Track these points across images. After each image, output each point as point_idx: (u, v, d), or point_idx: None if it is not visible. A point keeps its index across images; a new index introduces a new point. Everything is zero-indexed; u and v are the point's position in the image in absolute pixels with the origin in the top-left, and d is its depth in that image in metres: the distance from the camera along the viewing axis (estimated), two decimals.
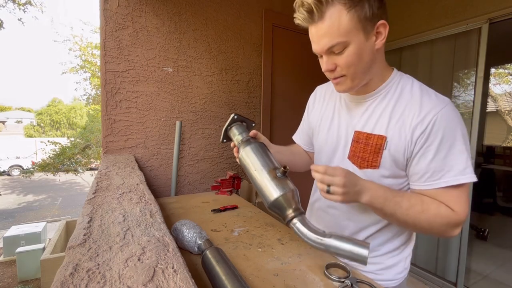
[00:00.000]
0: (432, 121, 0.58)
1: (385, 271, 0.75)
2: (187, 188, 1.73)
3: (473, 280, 2.21)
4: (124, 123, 1.50)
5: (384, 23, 0.59)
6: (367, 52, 0.60)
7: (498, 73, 8.52)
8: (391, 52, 2.34)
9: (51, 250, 1.96)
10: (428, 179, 0.60)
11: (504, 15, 1.68)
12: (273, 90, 2.05)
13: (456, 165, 0.58)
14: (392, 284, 0.75)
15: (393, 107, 0.65)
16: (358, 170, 0.68)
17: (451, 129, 0.58)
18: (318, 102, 0.86)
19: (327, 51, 0.60)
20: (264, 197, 0.65)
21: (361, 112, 0.70)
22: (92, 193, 0.75)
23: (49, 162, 6.74)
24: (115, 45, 1.44)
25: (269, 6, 1.97)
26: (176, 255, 0.46)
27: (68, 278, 0.37)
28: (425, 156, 0.60)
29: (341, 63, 0.60)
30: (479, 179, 2.97)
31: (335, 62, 0.61)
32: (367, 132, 0.67)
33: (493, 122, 7.50)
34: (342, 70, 0.62)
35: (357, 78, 0.63)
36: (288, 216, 0.62)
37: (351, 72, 0.62)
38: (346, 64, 0.60)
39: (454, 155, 0.58)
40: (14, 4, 6.61)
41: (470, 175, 0.58)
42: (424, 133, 0.59)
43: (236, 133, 0.79)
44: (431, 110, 0.59)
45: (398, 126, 0.62)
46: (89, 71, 8.60)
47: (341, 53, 0.59)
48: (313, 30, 0.60)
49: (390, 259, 0.74)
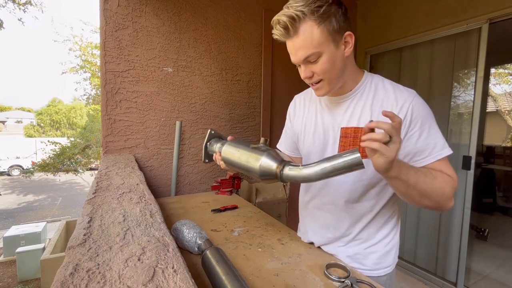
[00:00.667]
0: (409, 109, 0.68)
1: (384, 259, 0.79)
2: (187, 188, 1.73)
3: (473, 280, 2.21)
4: (124, 123, 1.50)
5: (350, 33, 0.68)
6: (339, 59, 0.69)
7: (498, 73, 8.52)
8: (391, 52, 2.34)
9: (51, 250, 1.97)
10: (418, 158, 0.70)
11: (504, 15, 1.67)
12: (273, 90, 2.05)
13: (438, 142, 0.69)
14: (389, 270, 0.81)
15: (372, 102, 0.73)
16: None
17: (425, 114, 0.69)
18: (298, 109, 0.93)
19: (303, 61, 0.68)
20: (252, 171, 0.69)
21: (343, 111, 0.77)
22: (92, 193, 0.75)
23: (49, 162, 6.74)
24: (115, 45, 1.44)
25: (269, 6, 1.97)
26: (176, 255, 0.46)
27: (68, 278, 0.37)
28: (411, 139, 0.69)
29: (317, 70, 0.69)
30: (479, 179, 2.97)
31: (312, 70, 0.69)
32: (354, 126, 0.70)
33: (493, 122, 7.50)
34: (318, 76, 0.70)
35: (333, 82, 0.72)
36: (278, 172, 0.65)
37: (327, 77, 0.70)
38: (321, 71, 0.69)
39: (433, 134, 0.69)
40: (14, 4, 6.61)
41: (449, 148, 0.70)
42: (406, 120, 0.68)
43: (215, 145, 0.89)
44: (406, 101, 0.69)
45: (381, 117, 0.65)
46: (89, 71, 8.60)
47: (316, 62, 0.68)
48: (290, 44, 0.69)
49: (385, 246, 0.79)
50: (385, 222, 0.79)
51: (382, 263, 0.79)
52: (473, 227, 3.07)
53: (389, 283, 0.81)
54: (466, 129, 1.89)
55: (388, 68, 2.40)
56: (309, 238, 0.90)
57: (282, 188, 1.78)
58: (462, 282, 1.91)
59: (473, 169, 1.84)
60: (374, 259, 0.79)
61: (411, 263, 2.23)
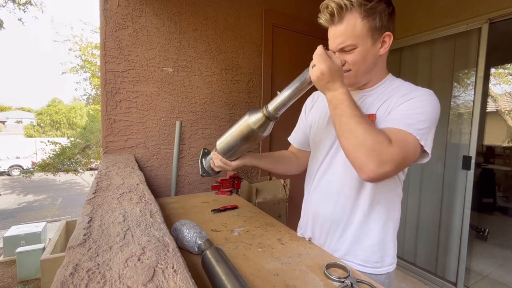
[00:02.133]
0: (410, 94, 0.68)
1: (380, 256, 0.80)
2: (187, 188, 1.73)
3: (473, 280, 2.21)
4: (124, 123, 1.50)
5: (389, 34, 0.70)
6: (371, 56, 0.71)
7: (498, 73, 8.52)
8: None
9: (51, 250, 1.96)
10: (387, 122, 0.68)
11: (504, 15, 1.68)
12: (273, 90, 2.05)
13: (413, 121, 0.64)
14: (392, 268, 0.82)
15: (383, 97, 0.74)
16: None
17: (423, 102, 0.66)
18: (317, 101, 0.95)
19: (340, 49, 0.71)
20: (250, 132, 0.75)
21: None
22: (92, 193, 0.75)
23: (49, 162, 6.74)
24: (115, 45, 1.44)
25: (269, 6, 1.97)
26: (176, 255, 0.46)
27: (68, 278, 0.37)
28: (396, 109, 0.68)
29: (349, 60, 0.71)
30: (479, 179, 2.98)
31: (344, 59, 0.72)
32: None
33: (493, 122, 7.50)
34: (349, 66, 0.72)
35: (359, 75, 0.74)
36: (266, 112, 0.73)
37: (355, 69, 0.72)
38: (352, 62, 0.71)
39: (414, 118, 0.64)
40: (14, 4, 6.61)
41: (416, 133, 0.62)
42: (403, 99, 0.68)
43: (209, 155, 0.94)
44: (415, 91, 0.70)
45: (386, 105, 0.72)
46: (89, 71, 8.59)
47: (350, 52, 0.70)
48: (331, 30, 0.71)
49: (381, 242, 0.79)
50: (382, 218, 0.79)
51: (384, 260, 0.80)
52: (473, 227, 3.07)
53: (388, 283, 0.81)
54: (466, 129, 1.89)
55: (388, 68, 2.39)
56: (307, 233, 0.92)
57: (282, 188, 1.78)
58: (462, 282, 1.91)
59: (473, 169, 1.84)
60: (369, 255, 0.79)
61: (411, 263, 2.23)
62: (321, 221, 0.86)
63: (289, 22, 2.08)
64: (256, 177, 2.02)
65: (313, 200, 0.89)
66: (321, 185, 0.86)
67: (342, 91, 0.65)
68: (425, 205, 2.14)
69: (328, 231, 0.84)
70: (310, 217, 0.90)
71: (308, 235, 0.92)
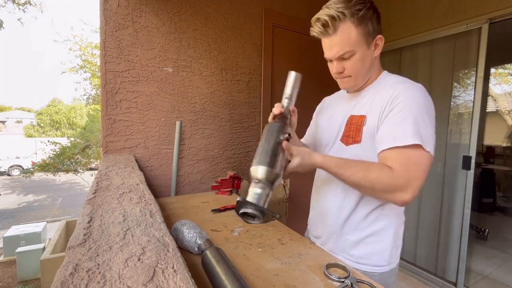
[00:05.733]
0: (394, 95, 0.70)
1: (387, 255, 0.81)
2: (187, 188, 1.73)
3: (473, 280, 2.21)
4: (124, 123, 1.50)
5: (381, 37, 0.75)
6: (368, 59, 0.76)
7: (498, 73, 8.52)
8: (391, 52, 2.34)
9: (51, 250, 1.96)
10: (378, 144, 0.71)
11: (504, 15, 1.68)
12: (273, 90, 2.05)
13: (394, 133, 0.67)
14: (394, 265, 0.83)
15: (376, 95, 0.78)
16: (345, 146, 0.80)
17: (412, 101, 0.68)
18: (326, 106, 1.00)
19: (338, 57, 0.75)
20: None
21: (354, 104, 0.84)
22: (92, 193, 0.75)
23: (49, 162, 6.74)
24: (115, 45, 1.44)
25: (269, 6, 1.97)
26: (176, 255, 0.46)
27: (68, 278, 0.37)
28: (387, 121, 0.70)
29: (348, 67, 0.76)
30: (479, 179, 2.98)
31: (343, 66, 0.76)
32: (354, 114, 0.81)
33: (493, 122, 7.50)
34: (348, 72, 0.77)
35: (359, 78, 0.79)
36: None
37: (355, 74, 0.77)
38: (352, 68, 0.75)
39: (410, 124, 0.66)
40: (13, 4, 6.60)
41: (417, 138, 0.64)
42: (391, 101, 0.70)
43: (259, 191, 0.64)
44: (396, 87, 0.72)
45: (376, 104, 0.75)
46: (89, 71, 8.59)
47: (349, 59, 0.74)
48: (326, 41, 0.75)
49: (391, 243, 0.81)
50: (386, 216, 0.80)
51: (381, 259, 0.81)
52: (473, 227, 3.07)
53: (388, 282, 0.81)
54: (466, 129, 1.89)
55: (388, 68, 2.38)
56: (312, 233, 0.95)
57: (282, 188, 1.78)
58: (462, 282, 1.91)
59: (473, 169, 1.84)
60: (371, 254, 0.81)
61: (411, 263, 2.23)
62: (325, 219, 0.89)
63: (289, 22, 2.08)
64: None
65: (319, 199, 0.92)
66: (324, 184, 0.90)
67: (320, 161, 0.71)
68: (425, 205, 2.14)
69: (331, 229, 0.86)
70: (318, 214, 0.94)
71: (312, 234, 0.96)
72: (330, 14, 0.69)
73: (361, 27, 0.71)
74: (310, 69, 2.12)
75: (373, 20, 0.72)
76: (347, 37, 0.71)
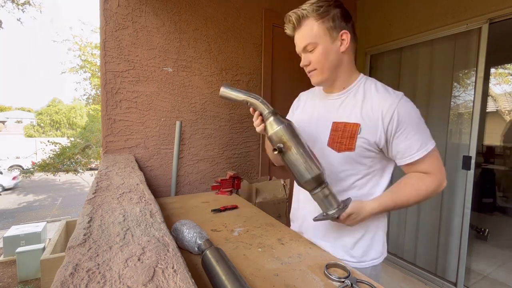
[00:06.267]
0: (395, 112, 0.75)
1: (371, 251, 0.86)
2: (187, 188, 1.73)
3: (473, 280, 2.21)
4: (124, 123, 1.50)
5: (346, 32, 0.78)
6: (332, 53, 0.79)
7: (498, 73, 8.51)
8: (391, 52, 2.34)
9: (51, 250, 1.97)
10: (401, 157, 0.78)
11: (504, 15, 1.67)
12: (273, 90, 2.05)
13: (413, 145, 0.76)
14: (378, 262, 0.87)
15: (362, 101, 0.81)
16: (337, 153, 0.82)
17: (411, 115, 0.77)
18: (302, 103, 1.02)
19: (303, 49, 0.81)
20: None
21: (336, 107, 0.86)
22: (92, 193, 0.75)
23: (49, 162, 6.74)
24: (115, 45, 1.44)
25: (269, 6, 1.97)
26: (176, 255, 0.46)
27: (68, 278, 0.37)
28: (401, 138, 0.76)
29: (313, 60, 0.80)
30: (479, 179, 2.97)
31: (309, 59, 0.81)
32: (344, 121, 0.82)
33: (493, 122, 7.49)
34: (313, 65, 0.81)
35: (325, 72, 0.81)
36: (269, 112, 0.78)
37: (320, 67, 0.81)
38: (315, 60, 0.80)
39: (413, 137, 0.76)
40: (13, 4, 6.61)
41: (432, 142, 0.78)
42: (393, 121, 0.75)
43: None
44: (392, 104, 0.76)
45: (369, 116, 0.78)
46: (89, 71, 8.59)
47: (312, 52, 0.79)
48: (295, 37, 0.82)
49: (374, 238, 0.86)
50: None
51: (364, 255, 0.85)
52: (473, 227, 3.07)
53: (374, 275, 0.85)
54: (466, 129, 1.89)
55: (388, 68, 2.39)
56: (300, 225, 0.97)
57: (282, 188, 1.78)
58: (462, 282, 1.91)
59: (473, 169, 1.84)
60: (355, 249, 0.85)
61: (411, 263, 2.23)
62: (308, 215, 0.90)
63: None
64: (256, 177, 2.02)
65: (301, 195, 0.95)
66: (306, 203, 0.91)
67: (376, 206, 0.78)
68: (425, 205, 2.14)
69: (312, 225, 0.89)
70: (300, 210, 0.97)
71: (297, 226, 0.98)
72: (296, 12, 0.78)
73: (322, 21, 0.76)
74: None
75: (336, 16, 0.77)
76: (309, 30, 0.77)
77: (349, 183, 0.83)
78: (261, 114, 0.79)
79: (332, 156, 0.82)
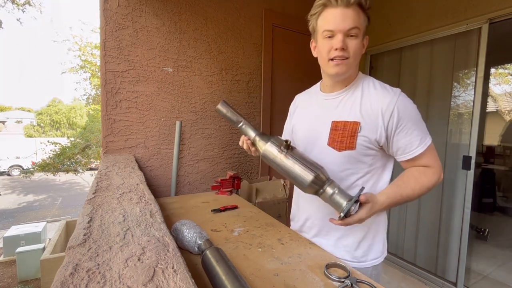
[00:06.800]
0: (395, 108, 0.75)
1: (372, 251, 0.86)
2: (187, 188, 1.73)
3: (473, 280, 2.21)
4: (124, 123, 1.50)
5: (367, 37, 0.81)
6: (360, 51, 0.78)
7: (498, 73, 8.51)
8: (391, 52, 2.34)
9: (51, 250, 1.96)
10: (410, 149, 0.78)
11: (504, 15, 1.68)
12: (273, 90, 2.05)
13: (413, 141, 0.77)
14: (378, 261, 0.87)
15: (361, 99, 0.80)
16: (338, 152, 0.81)
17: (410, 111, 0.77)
18: (299, 105, 1.01)
19: (348, 30, 0.74)
20: None
21: (334, 106, 0.85)
22: (92, 193, 0.75)
23: (49, 162, 6.73)
24: (115, 45, 1.44)
25: (269, 6, 1.97)
26: (176, 255, 0.46)
27: (68, 278, 0.37)
28: (401, 134, 0.77)
29: (351, 46, 0.76)
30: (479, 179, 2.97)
31: (347, 44, 0.76)
32: (344, 120, 0.81)
33: (493, 122, 7.49)
34: (349, 53, 0.76)
35: (352, 66, 0.79)
36: None
37: (353, 58, 0.77)
38: (354, 48, 0.76)
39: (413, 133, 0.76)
40: (13, 4, 6.61)
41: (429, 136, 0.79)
42: (393, 118, 0.75)
43: None
44: (391, 100, 0.76)
45: (369, 113, 0.78)
46: (89, 71, 8.58)
47: (354, 39, 0.75)
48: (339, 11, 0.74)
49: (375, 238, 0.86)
50: None
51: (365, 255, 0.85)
52: (473, 227, 3.07)
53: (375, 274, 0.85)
54: (466, 129, 1.89)
55: (388, 68, 2.39)
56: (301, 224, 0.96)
57: (282, 188, 1.78)
58: (462, 282, 1.91)
59: (473, 169, 1.84)
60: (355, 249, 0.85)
61: (411, 263, 2.23)
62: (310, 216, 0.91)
63: (289, 22, 2.08)
64: (256, 177, 2.02)
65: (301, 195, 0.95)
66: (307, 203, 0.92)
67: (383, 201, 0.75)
68: (425, 205, 2.14)
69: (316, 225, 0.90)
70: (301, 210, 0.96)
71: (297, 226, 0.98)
72: None
73: (365, 16, 0.76)
74: (309, 68, 2.12)
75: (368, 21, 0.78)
76: (357, 16, 0.74)
77: (351, 182, 0.82)
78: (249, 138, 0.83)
79: (332, 156, 0.82)
